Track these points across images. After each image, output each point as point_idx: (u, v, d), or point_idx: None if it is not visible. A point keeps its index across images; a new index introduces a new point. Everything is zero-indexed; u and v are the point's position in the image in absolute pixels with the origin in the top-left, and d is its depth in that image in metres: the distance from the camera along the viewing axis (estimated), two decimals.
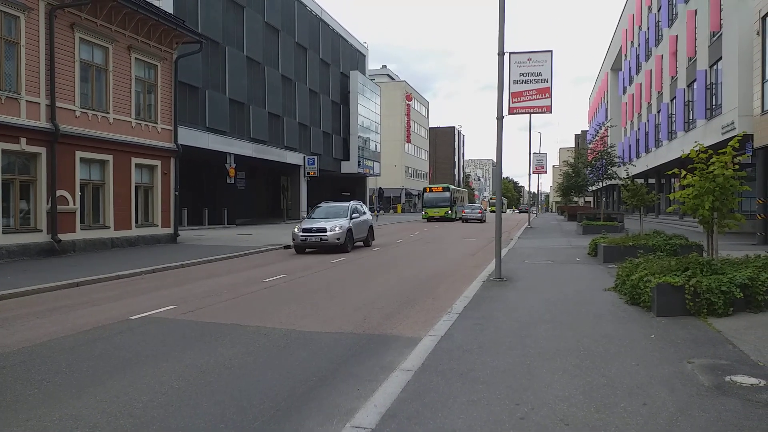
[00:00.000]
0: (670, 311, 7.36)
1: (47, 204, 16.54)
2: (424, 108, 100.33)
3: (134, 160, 20.14)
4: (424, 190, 56.72)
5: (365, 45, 63.40)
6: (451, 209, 51.56)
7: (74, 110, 17.54)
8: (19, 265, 14.65)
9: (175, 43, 22.29)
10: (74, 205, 17.53)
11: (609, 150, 28.96)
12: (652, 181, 40.25)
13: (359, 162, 58.01)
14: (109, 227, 19.06)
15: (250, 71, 38.34)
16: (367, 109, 62.17)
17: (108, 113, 18.90)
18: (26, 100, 15.91)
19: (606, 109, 59.54)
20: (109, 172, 19.06)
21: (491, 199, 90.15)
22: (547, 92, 12.45)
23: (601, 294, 9.33)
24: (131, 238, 19.94)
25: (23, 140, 15.78)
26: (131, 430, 4.19)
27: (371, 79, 67.16)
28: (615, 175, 28.19)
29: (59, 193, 16.90)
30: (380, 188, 65.62)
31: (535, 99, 12.42)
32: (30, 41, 16.02)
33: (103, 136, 18.55)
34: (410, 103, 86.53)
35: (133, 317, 8.35)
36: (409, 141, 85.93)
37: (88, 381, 5.35)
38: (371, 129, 64.07)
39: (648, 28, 39.28)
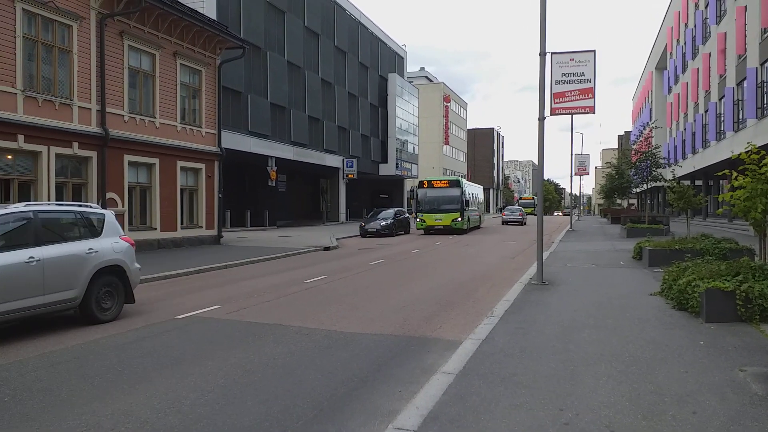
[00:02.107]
0: (719, 317, 7.14)
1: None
2: (462, 109, 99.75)
3: (180, 164, 20.67)
4: (420, 184, 33.34)
5: (403, 47, 63.47)
6: (461, 215, 30.76)
7: (123, 115, 18.13)
8: None
9: (219, 48, 22.79)
10: (123, 207, 18.11)
11: (654, 151, 28.21)
12: (698, 182, 39.02)
13: (397, 164, 58.06)
14: (155, 228, 19.61)
15: (291, 75, 38.87)
16: (405, 112, 62.19)
17: (155, 118, 19.47)
18: (78, 106, 16.53)
19: (650, 109, 58.06)
20: (156, 175, 19.62)
21: (521, 198, 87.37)
22: (590, 92, 12.25)
23: (646, 298, 9.12)
24: (177, 239, 20.46)
25: (76, 145, 16.39)
26: (180, 427, 4.31)
27: (409, 82, 67.16)
28: (660, 177, 27.45)
29: (109, 195, 17.49)
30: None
31: (577, 99, 12.24)
32: (82, 49, 16.64)
33: (150, 140, 19.11)
34: (448, 104, 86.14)
35: (179, 316, 8.59)
36: (447, 143, 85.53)
37: (137, 378, 5.53)
38: (409, 131, 64.06)
39: (695, 26, 38.14)
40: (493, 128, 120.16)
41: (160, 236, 19.74)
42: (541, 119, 11.49)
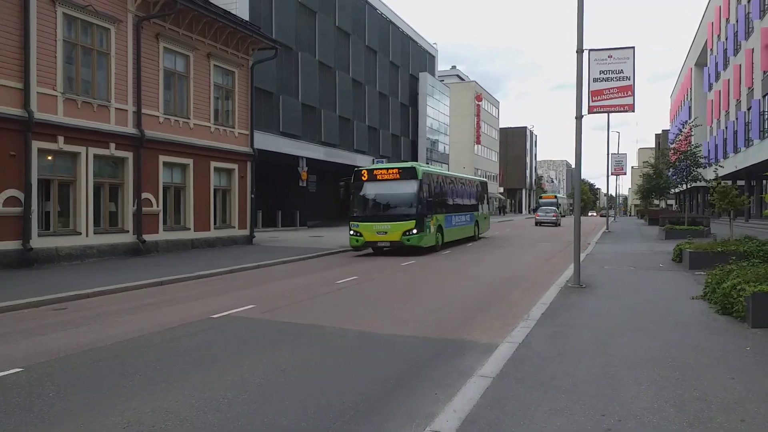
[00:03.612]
0: (767, 322, 6.88)
1: (133, 206, 17.47)
2: (494, 108, 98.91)
3: (213, 164, 20.95)
4: (356, 176, 19.87)
5: (434, 46, 63.23)
6: (419, 223, 18.57)
7: (158, 116, 18.45)
8: (108, 263, 15.56)
9: (252, 49, 23.03)
10: (158, 207, 18.44)
11: (694, 150, 27.46)
12: (741, 182, 37.90)
13: (428, 164, 57.88)
14: (189, 228, 19.90)
15: (322, 76, 39.09)
16: (436, 111, 61.97)
17: (189, 119, 19.77)
18: (115, 108, 16.89)
19: (690, 107, 56.65)
20: (190, 175, 19.92)
21: (542, 197, 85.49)
22: (629, 90, 11.96)
23: (688, 302, 8.85)
24: (210, 239, 20.74)
25: (112, 145, 16.75)
26: (218, 425, 4.33)
27: (440, 80, 66.90)
28: (700, 177, 26.72)
29: (144, 195, 17.82)
30: None
31: (616, 97, 11.96)
32: (119, 52, 17.00)
33: (184, 141, 19.41)
34: (480, 103, 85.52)
35: (214, 316, 8.67)
36: (478, 142, 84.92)
37: (176, 376, 5.59)
38: (440, 130, 63.82)
39: (737, 21, 37.05)
40: (525, 127, 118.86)
41: (193, 236, 20.03)
42: (579, 117, 11.27)
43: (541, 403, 4.48)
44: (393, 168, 19.67)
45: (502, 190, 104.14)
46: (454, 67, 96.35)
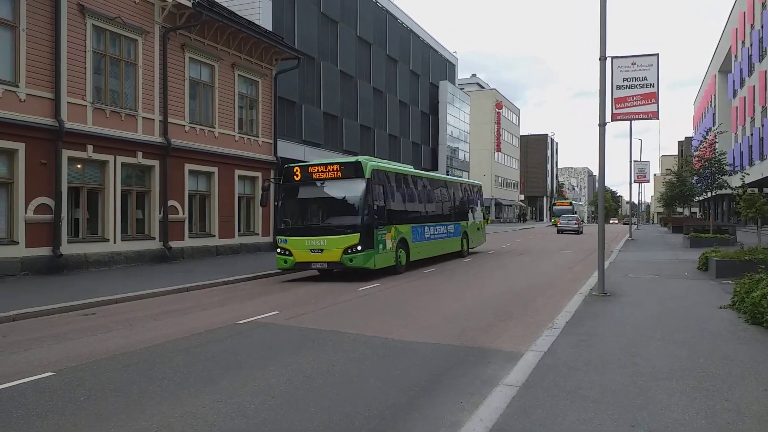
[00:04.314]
0: None
1: (160, 213, 17.76)
2: (515, 116, 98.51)
3: (237, 172, 21.21)
4: (286, 175, 15.01)
5: (455, 54, 63.28)
6: (367, 238, 13.79)
7: (184, 125, 18.76)
8: (135, 270, 15.82)
9: (275, 59, 23.31)
10: (183, 214, 18.71)
11: (718, 157, 27.03)
12: (767, 190, 37.16)
13: (448, 171, 57.76)
14: (214, 235, 20.15)
15: (344, 85, 39.33)
16: (456, 119, 61.94)
17: (213, 128, 20.05)
18: (142, 117, 17.22)
19: (713, 114, 55.76)
20: (215, 183, 20.19)
21: (555, 205, 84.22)
22: (653, 97, 11.88)
23: (716, 311, 8.71)
24: (234, 245, 20.97)
25: (140, 154, 17.06)
26: (246, 430, 4.38)
27: (460, 89, 66.87)
28: (725, 184, 26.27)
29: (170, 203, 18.10)
30: None
31: (640, 105, 11.89)
32: (146, 62, 17.35)
33: (210, 150, 19.68)
34: (500, 111, 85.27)
35: (240, 322, 8.77)
36: (499, 149, 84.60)
37: (203, 381, 5.67)
38: (460, 138, 63.75)
39: (762, 27, 36.46)
40: (546, 134, 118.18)
41: (218, 243, 20.27)
42: (602, 125, 11.19)
43: (569, 412, 4.45)
44: (333, 164, 14.44)
45: (522, 197, 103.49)
46: (474, 75, 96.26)
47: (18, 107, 13.85)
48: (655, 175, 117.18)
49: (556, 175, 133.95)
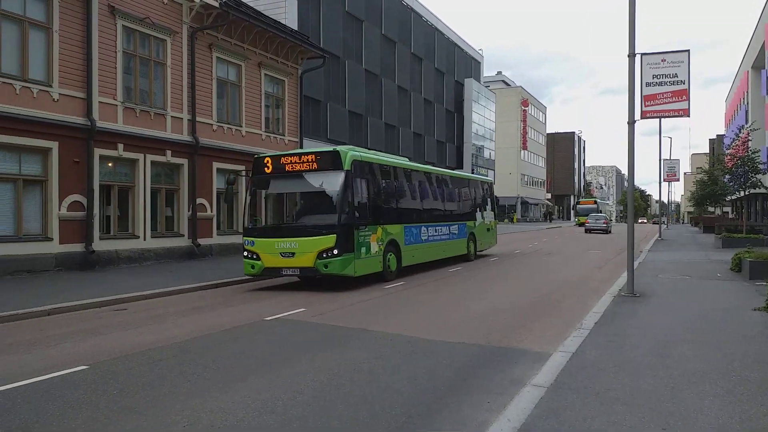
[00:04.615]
0: None
1: (188, 211, 18.02)
2: (541, 113, 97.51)
3: None
4: (256, 167, 13.04)
5: (480, 52, 62.89)
6: (344, 240, 11.87)
7: (211, 124, 19.00)
8: (165, 266, 16.09)
9: (300, 58, 23.45)
10: (211, 212, 18.96)
11: (752, 155, 26.38)
12: None
13: (473, 170, 57.46)
14: (241, 233, 20.32)
15: (368, 83, 39.40)
16: (482, 116, 61.57)
17: (241, 126, 20.26)
18: (171, 116, 17.48)
19: (746, 111, 54.39)
20: (242, 181, 20.37)
21: (579, 203, 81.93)
22: (684, 95, 11.64)
23: (749, 314, 8.51)
24: None
25: (168, 152, 17.33)
26: (274, 427, 4.43)
27: (486, 86, 66.45)
28: (759, 183, 25.64)
29: (199, 200, 18.36)
30: (495, 197, 63.69)
31: (670, 102, 11.67)
32: (174, 62, 17.60)
33: (237, 148, 19.89)
34: (526, 108, 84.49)
35: (267, 318, 8.86)
36: (525, 148, 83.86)
37: (232, 377, 5.74)
38: (485, 136, 63.35)
39: None
40: (573, 132, 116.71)
41: None
42: (631, 123, 11.01)
43: (599, 414, 4.40)
44: (308, 154, 12.52)
45: (549, 196, 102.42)
46: (499, 72, 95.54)
47: (51, 107, 14.18)
48: (685, 173, 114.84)
49: (584, 173, 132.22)
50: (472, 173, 56.80)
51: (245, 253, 12.51)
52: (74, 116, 14.66)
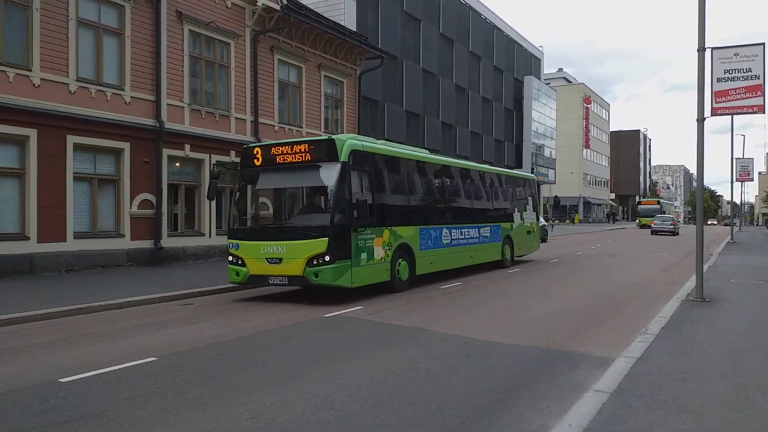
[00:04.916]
0: None
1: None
2: (604, 111, 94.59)
3: None
4: (246, 158, 11.44)
5: (540, 49, 61.62)
6: (340, 243, 10.13)
7: (273, 125, 19.45)
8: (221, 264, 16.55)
9: (359, 59, 23.67)
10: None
11: None
12: None
13: (533, 169, 56.35)
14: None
15: (426, 83, 39.31)
16: (542, 115, 60.31)
17: (301, 127, 20.65)
18: (235, 117, 18.02)
19: None
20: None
21: (640, 204, 76.90)
22: (758, 90, 11.03)
23: None
24: None
25: (232, 153, 17.86)
26: (333, 422, 4.50)
27: (546, 84, 65.05)
28: None
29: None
30: (556, 196, 61.98)
31: (743, 98, 11.08)
32: (238, 64, 18.13)
33: None
34: (589, 106, 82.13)
35: (325, 315, 9.01)
36: (587, 146, 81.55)
37: (292, 372, 5.87)
38: (546, 135, 62.02)
39: None
40: (638, 130, 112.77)
41: None
42: (700, 120, 10.54)
43: (665, 423, 4.24)
44: (301, 143, 10.73)
45: (613, 196, 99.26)
46: (560, 69, 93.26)
47: (123, 109, 14.89)
48: (760, 173, 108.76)
49: (649, 173, 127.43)
50: (531, 172, 55.76)
51: (230, 258, 10.94)
52: (144, 118, 15.34)
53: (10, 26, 12.85)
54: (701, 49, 10.51)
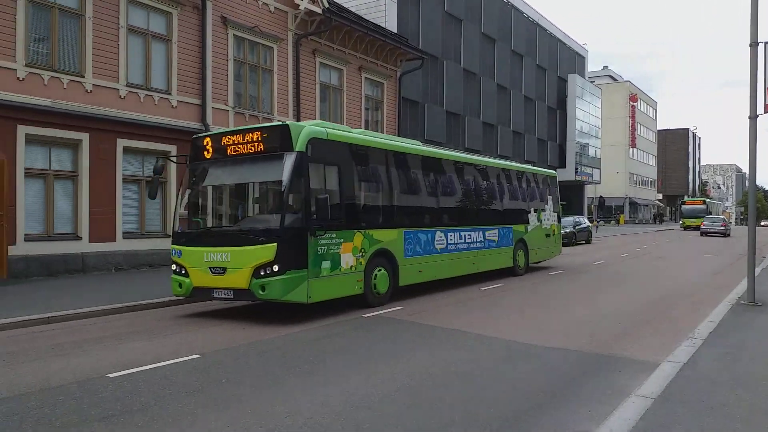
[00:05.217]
0: None
1: None
2: (651, 109, 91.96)
3: None
4: (197, 147, 9.80)
5: (585, 47, 60.39)
6: (296, 251, 8.48)
7: None
8: None
9: (399, 61, 23.71)
10: None
11: None
12: None
13: (576, 169, 55.28)
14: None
15: (467, 83, 39.05)
16: (586, 113, 59.06)
17: None
18: (277, 120, 18.29)
19: None
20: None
21: (684, 204, 68.69)
22: None
23: None
24: None
25: None
26: (370, 422, 4.52)
27: (591, 82, 63.69)
28: None
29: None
30: (601, 197, 60.52)
31: None
32: (280, 68, 18.42)
33: None
34: (635, 104, 79.98)
35: (364, 315, 9.07)
36: (633, 145, 79.43)
37: (331, 372, 5.93)
38: (590, 134, 60.69)
39: None
40: (687, 129, 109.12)
41: None
42: (753, 117, 10.14)
43: (712, 431, 4.11)
44: (254, 131, 9.13)
45: (660, 196, 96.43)
46: (605, 67, 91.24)
47: (170, 113, 15.33)
48: None
49: (699, 172, 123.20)
50: (576, 173, 54.69)
51: (173, 267, 9.42)
52: (190, 121, 15.75)
53: (64, 35, 13.40)
54: (754, 44, 10.13)
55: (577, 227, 30.15)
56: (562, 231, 28.57)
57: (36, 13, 12.98)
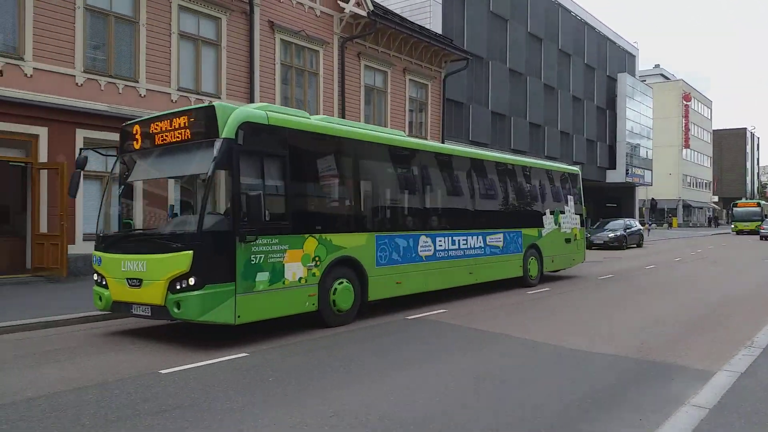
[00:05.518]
0: None
1: None
2: (706, 109, 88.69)
3: None
4: (127, 136, 8.35)
5: (635, 45, 58.78)
6: (215, 261, 6.85)
7: None
8: None
9: (444, 62, 23.63)
10: None
11: None
12: None
13: (627, 170, 53.81)
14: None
15: (512, 83, 38.58)
16: (637, 113, 57.44)
17: None
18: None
19: None
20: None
21: (736, 206, 62.47)
22: None
23: None
24: None
25: None
26: (414, 423, 4.51)
27: (642, 81, 61.93)
28: None
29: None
30: (653, 199, 58.55)
31: None
32: (326, 71, 18.63)
33: None
34: (689, 103, 77.30)
35: (409, 317, 9.08)
36: (687, 146, 76.75)
37: (375, 372, 5.96)
38: (641, 134, 58.98)
39: None
40: (745, 128, 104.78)
41: None
42: None
43: None
44: (181, 115, 7.57)
45: (716, 199, 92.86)
46: (657, 65, 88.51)
47: None
48: None
49: (758, 174, 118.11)
50: (627, 174, 53.17)
51: (95, 277, 8.02)
52: None
53: (119, 41, 13.92)
54: None
55: (628, 230, 29.40)
56: (612, 235, 28.05)
57: (93, 21, 13.53)
